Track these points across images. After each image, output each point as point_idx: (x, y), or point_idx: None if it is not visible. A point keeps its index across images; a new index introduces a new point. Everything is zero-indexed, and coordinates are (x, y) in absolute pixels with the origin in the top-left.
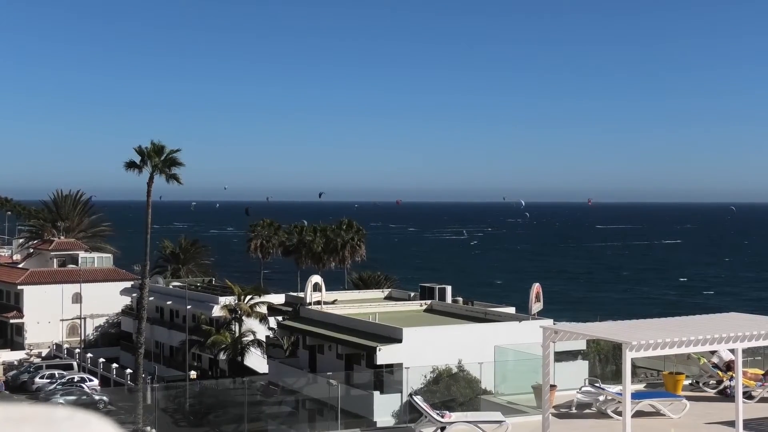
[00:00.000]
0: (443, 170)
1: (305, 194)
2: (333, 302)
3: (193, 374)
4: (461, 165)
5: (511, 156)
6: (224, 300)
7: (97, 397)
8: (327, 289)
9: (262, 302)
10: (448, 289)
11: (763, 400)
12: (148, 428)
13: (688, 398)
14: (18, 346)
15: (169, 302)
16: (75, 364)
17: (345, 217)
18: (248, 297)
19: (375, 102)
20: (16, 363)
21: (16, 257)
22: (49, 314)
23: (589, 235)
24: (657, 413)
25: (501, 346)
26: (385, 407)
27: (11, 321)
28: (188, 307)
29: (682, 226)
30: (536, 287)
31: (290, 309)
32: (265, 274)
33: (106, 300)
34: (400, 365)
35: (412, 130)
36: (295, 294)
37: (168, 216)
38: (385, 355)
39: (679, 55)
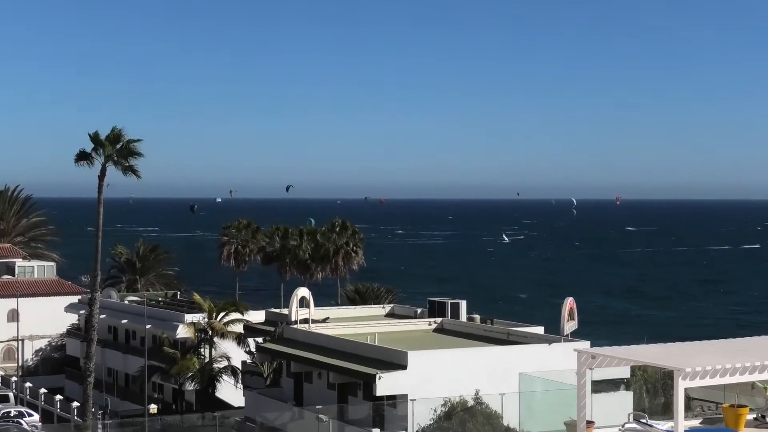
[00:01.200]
0: (438, 164)
1: (272, 191)
2: (324, 320)
3: (153, 408)
4: (461, 157)
5: (518, 148)
6: (191, 318)
7: None
8: (316, 305)
9: (238, 320)
10: (463, 304)
11: None
12: None
13: None
14: None
15: (124, 321)
16: (11, 395)
17: (337, 217)
18: (221, 314)
19: (352, 90)
20: None
21: None
22: None
23: (623, 239)
24: None
25: (527, 373)
26: None
27: None
28: (147, 326)
29: (751, 227)
30: (569, 302)
31: (272, 329)
32: (241, 286)
33: (48, 318)
34: (404, 397)
35: (401, 119)
36: (277, 310)
37: (132, 217)
38: (386, 384)
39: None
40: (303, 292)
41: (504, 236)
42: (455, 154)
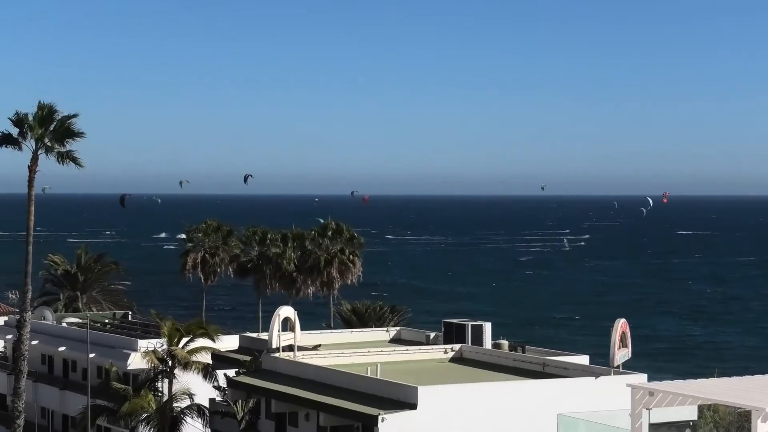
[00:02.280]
0: (430, 154)
1: (226, 186)
2: (314, 348)
3: None
4: (464, 147)
5: (542, 138)
6: (147, 345)
7: None
8: (304, 328)
9: (205, 348)
10: (487, 327)
11: None
12: None
13: None
14: None
15: (62, 348)
16: None
17: (329, 218)
18: (183, 340)
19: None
20: None
21: None
22: None
23: (679, 246)
24: None
25: (568, 414)
26: None
27: None
28: (91, 355)
29: None
30: (621, 325)
31: (247, 358)
32: (209, 304)
33: None
34: None
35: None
36: (254, 335)
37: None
38: (391, 427)
39: None
40: (287, 311)
41: (565, 241)
42: (453, 143)
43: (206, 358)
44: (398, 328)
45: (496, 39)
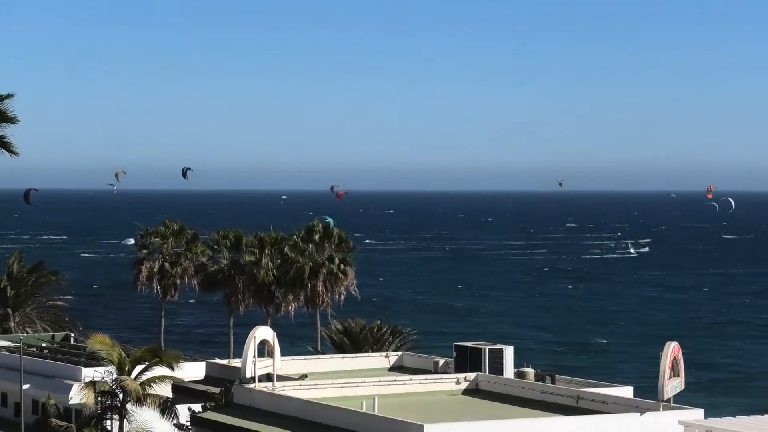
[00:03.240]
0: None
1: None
2: (300, 378)
3: None
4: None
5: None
6: (92, 374)
7: None
8: (285, 353)
9: (164, 377)
10: (509, 351)
11: None
12: None
13: None
14: None
15: None
16: None
17: (316, 219)
18: (137, 368)
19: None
20: None
21: None
22: None
23: (730, 251)
24: None
25: None
26: None
27: None
28: (25, 386)
29: None
30: (672, 350)
31: (216, 390)
32: (169, 324)
33: None
34: None
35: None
36: (224, 362)
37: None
38: None
39: None
40: (264, 333)
41: (630, 247)
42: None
43: (165, 390)
44: (400, 353)
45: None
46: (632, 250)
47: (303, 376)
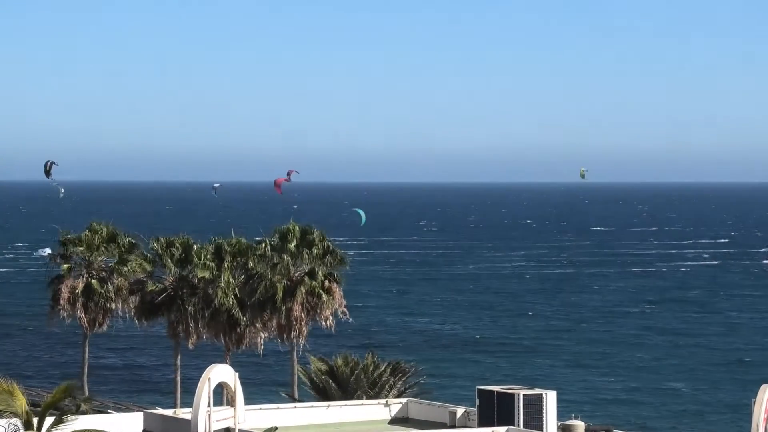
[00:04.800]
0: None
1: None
2: None
3: None
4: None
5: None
6: None
7: None
8: (250, 401)
9: None
10: (550, 398)
11: None
12: None
13: None
14: None
15: None
16: None
17: (291, 221)
18: (48, 418)
19: None
20: None
21: None
22: None
23: None
24: None
25: None
26: None
27: None
28: None
29: None
30: None
31: None
32: (94, 361)
33: None
34: None
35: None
36: (168, 412)
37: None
38: None
39: None
40: (223, 373)
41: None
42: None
43: None
44: (404, 400)
45: None
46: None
47: (272, 430)
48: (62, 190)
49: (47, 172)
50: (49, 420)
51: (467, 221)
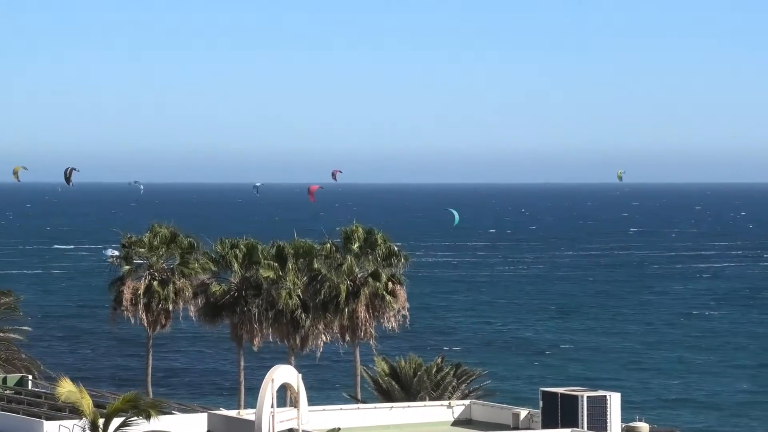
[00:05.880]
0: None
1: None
2: None
3: None
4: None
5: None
6: (59, 428)
7: None
8: (313, 402)
9: None
10: (615, 400)
11: None
12: None
13: None
14: None
15: None
16: None
17: (354, 222)
18: (118, 420)
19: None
20: None
21: None
22: None
23: None
24: None
25: None
26: None
27: None
28: None
29: None
30: None
31: None
32: (158, 364)
33: None
34: None
35: None
36: (232, 413)
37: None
38: None
39: None
40: (286, 375)
41: None
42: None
43: None
44: (467, 402)
45: None
46: None
47: (335, 430)
48: (142, 187)
49: (67, 179)
50: (116, 421)
51: (537, 220)
